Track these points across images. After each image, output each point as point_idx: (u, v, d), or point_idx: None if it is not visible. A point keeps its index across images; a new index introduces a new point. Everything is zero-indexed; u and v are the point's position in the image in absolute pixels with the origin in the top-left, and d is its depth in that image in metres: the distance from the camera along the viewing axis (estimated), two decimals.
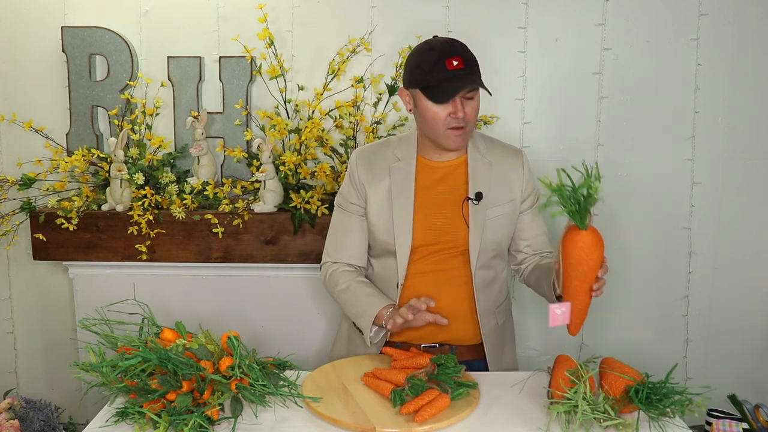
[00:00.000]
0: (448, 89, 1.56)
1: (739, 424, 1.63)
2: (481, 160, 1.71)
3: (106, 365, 1.36)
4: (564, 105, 2.41)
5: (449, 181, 1.70)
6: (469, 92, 1.59)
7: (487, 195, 1.68)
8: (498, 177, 1.71)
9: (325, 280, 1.79)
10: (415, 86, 1.61)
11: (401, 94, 1.68)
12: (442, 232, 1.68)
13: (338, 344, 1.87)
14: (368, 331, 1.64)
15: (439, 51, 1.57)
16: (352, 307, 1.69)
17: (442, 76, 1.56)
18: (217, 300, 2.37)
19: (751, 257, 2.49)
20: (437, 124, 1.60)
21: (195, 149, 2.29)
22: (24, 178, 2.31)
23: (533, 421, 1.39)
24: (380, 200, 1.70)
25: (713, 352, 2.54)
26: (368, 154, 1.75)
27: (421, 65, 1.59)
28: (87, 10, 2.36)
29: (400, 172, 1.70)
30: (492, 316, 1.75)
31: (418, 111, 1.64)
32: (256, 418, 1.40)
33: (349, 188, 1.74)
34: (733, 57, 2.38)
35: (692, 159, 2.44)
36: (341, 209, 1.77)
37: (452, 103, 1.58)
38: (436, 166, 1.70)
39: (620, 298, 2.51)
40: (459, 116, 1.58)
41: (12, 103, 2.41)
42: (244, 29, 2.33)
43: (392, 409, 1.39)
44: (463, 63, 1.57)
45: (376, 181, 1.70)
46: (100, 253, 2.28)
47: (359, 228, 1.74)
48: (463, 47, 1.61)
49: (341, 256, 1.76)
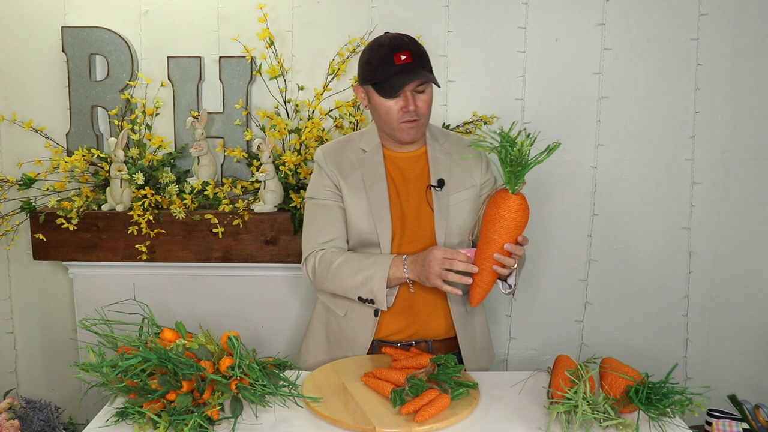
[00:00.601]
0: (396, 83, 1.59)
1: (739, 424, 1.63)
2: (440, 149, 1.75)
3: (106, 365, 1.36)
4: (564, 105, 2.41)
5: (414, 171, 1.73)
6: (420, 85, 1.62)
7: (449, 181, 1.72)
8: (458, 164, 1.75)
9: (314, 270, 1.70)
10: (367, 82, 1.65)
11: (356, 92, 1.72)
12: (412, 219, 1.71)
13: (312, 351, 1.83)
14: (382, 294, 1.60)
15: (388, 46, 1.60)
16: (356, 276, 1.62)
17: (390, 71, 1.59)
18: (217, 300, 2.37)
19: (751, 257, 2.49)
20: (390, 119, 1.64)
21: (195, 149, 2.29)
22: (24, 178, 2.31)
23: (533, 421, 1.39)
24: (355, 190, 1.71)
25: (713, 352, 2.54)
26: (334, 149, 1.77)
27: (371, 61, 1.62)
28: (87, 10, 2.36)
29: (369, 162, 1.73)
30: (461, 302, 1.76)
31: (372, 106, 1.68)
32: (256, 418, 1.40)
33: (321, 178, 1.74)
34: (733, 57, 2.38)
35: (692, 159, 2.44)
36: (315, 200, 1.75)
37: (403, 97, 1.61)
38: (399, 157, 1.74)
39: (620, 298, 2.51)
40: (411, 109, 1.61)
41: (12, 103, 2.41)
42: (244, 29, 2.33)
43: (392, 409, 1.39)
44: (411, 57, 1.59)
45: (347, 174, 1.72)
46: (100, 253, 2.28)
47: (338, 213, 1.72)
48: (411, 41, 1.63)
49: (326, 240, 1.72)
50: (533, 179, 2.42)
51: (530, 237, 2.47)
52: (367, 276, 1.62)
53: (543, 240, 2.48)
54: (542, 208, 2.45)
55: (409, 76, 1.58)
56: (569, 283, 2.51)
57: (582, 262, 2.50)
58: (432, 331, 1.74)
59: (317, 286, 1.75)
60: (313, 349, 1.83)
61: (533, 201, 2.45)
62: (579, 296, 2.52)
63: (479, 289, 1.52)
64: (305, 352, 1.85)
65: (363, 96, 1.70)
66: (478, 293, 1.52)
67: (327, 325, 1.81)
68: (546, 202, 2.45)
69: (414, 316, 1.72)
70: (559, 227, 2.48)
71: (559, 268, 2.50)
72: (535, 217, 2.46)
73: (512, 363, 2.57)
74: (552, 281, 2.51)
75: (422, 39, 2.33)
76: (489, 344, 1.89)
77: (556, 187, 2.45)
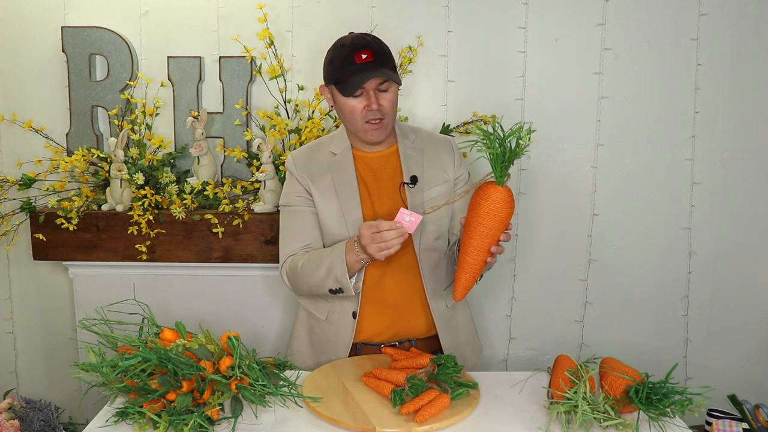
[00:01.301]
0: (356, 81, 1.59)
1: (739, 424, 1.63)
2: (411, 147, 1.75)
3: (106, 365, 1.36)
4: (564, 105, 2.41)
5: (386, 170, 1.73)
6: (383, 84, 1.62)
7: (422, 178, 1.71)
8: (430, 160, 1.74)
9: (288, 275, 1.72)
10: (330, 82, 1.65)
11: (323, 92, 1.72)
12: (386, 217, 1.69)
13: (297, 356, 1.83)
14: (346, 278, 1.60)
15: (350, 46, 1.61)
16: (320, 268, 1.63)
17: (351, 69, 1.59)
18: (217, 300, 2.37)
19: (751, 257, 2.49)
20: (355, 118, 1.64)
21: (195, 149, 2.29)
22: (24, 178, 2.31)
23: (533, 421, 1.39)
24: (326, 194, 1.71)
25: (713, 352, 2.54)
26: (304, 155, 1.77)
27: (334, 61, 1.63)
28: (87, 10, 2.36)
29: (339, 165, 1.72)
30: (440, 298, 1.76)
31: (337, 106, 1.68)
32: (256, 418, 1.40)
33: (293, 185, 1.75)
34: (733, 57, 2.38)
35: (692, 159, 2.44)
36: (287, 207, 1.76)
37: (366, 96, 1.62)
38: (370, 157, 1.74)
39: (620, 298, 2.51)
40: (374, 108, 1.62)
41: (12, 103, 2.41)
42: (244, 29, 2.33)
43: (392, 409, 1.39)
44: (372, 56, 1.60)
45: (317, 178, 1.72)
46: (100, 253, 2.28)
47: (311, 219, 1.73)
48: (374, 40, 1.63)
49: (300, 246, 1.73)
50: (534, 179, 2.43)
51: (530, 237, 2.49)
52: (328, 266, 1.62)
53: (543, 240, 2.48)
54: (542, 208, 2.45)
55: (368, 74, 1.59)
56: (569, 283, 2.51)
57: (582, 262, 2.50)
58: (414, 330, 1.74)
59: (296, 292, 1.77)
60: (298, 354, 1.83)
61: (533, 201, 2.46)
62: (579, 296, 2.52)
63: (464, 283, 1.49)
64: (290, 356, 1.85)
65: (329, 96, 1.70)
66: (462, 286, 1.49)
67: (310, 330, 1.81)
68: (546, 202, 2.45)
69: (394, 317, 1.72)
70: (559, 227, 2.48)
71: (559, 268, 2.50)
72: (535, 217, 2.47)
73: (512, 363, 2.57)
74: (552, 281, 2.51)
75: (422, 39, 2.34)
76: (474, 338, 1.89)
77: (557, 187, 2.45)
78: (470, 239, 1.46)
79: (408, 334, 1.75)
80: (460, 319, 1.83)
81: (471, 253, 1.47)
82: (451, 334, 1.78)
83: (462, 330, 1.83)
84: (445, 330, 1.77)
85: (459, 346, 1.80)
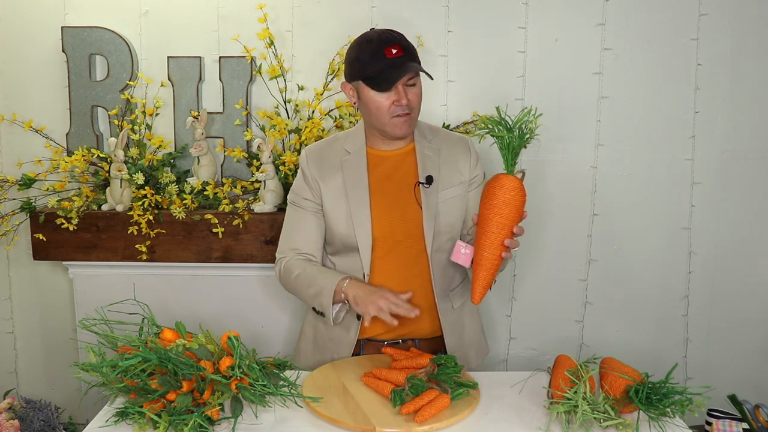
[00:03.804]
0: (390, 76, 1.58)
1: (739, 424, 1.63)
2: (428, 146, 1.74)
3: (106, 365, 1.36)
4: (564, 105, 2.41)
5: (401, 169, 1.72)
6: (411, 79, 1.62)
7: (437, 178, 1.71)
8: (447, 160, 1.74)
9: (280, 275, 1.76)
10: (357, 78, 1.64)
11: (344, 89, 1.71)
12: (399, 219, 1.69)
13: (302, 354, 1.85)
14: (329, 310, 1.62)
15: (378, 41, 1.60)
16: (309, 288, 1.66)
17: (382, 65, 1.58)
18: (217, 300, 2.37)
19: (751, 257, 2.49)
20: (382, 114, 1.63)
21: (195, 149, 2.29)
22: (24, 178, 2.31)
23: (533, 421, 1.39)
24: (335, 194, 1.71)
25: (713, 352, 2.54)
26: (318, 151, 1.76)
27: (361, 57, 1.62)
28: (87, 10, 2.36)
29: (352, 164, 1.72)
30: (447, 298, 1.76)
31: (362, 103, 1.67)
32: (256, 418, 1.40)
33: (303, 185, 1.75)
34: (733, 57, 2.38)
35: (692, 159, 2.44)
36: (294, 206, 1.77)
37: (395, 91, 1.61)
38: (386, 156, 1.73)
39: (620, 298, 2.51)
40: (403, 103, 1.61)
41: (12, 103, 2.41)
42: (244, 29, 2.33)
43: (392, 409, 1.39)
44: (402, 50, 1.59)
45: (328, 177, 1.72)
46: (100, 253, 2.28)
47: (313, 222, 1.74)
48: (400, 36, 1.63)
49: (295, 248, 1.74)
50: (533, 179, 2.42)
51: (530, 237, 2.48)
52: (317, 290, 1.65)
53: (543, 239, 2.48)
54: (542, 208, 2.45)
55: (403, 69, 1.58)
56: (569, 283, 2.51)
57: (582, 262, 2.50)
58: (420, 331, 1.74)
59: (284, 287, 1.79)
60: (303, 352, 1.85)
61: (533, 201, 2.45)
62: (579, 296, 2.52)
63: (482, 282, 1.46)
64: (297, 355, 1.87)
65: (352, 93, 1.69)
66: (481, 286, 1.46)
67: (315, 328, 1.82)
68: (546, 202, 2.45)
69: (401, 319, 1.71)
70: (559, 227, 2.48)
71: (559, 268, 2.50)
72: (536, 217, 2.47)
73: (512, 363, 2.57)
74: (552, 281, 2.51)
75: (422, 39, 2.34)
76: (481, 340, 1.88)
77: (556, 187, 2.45)
78: (486, 233, 1.44)
79: (413, 334, 1.74)
80: (467, 321, 1.83)
81: (488, 247, 1.44)
82: (456, 335, 1.78)
83: (468, 332, 1.82)
84: (451, 331, 1.76)
85: (463, 347, 1.80)
